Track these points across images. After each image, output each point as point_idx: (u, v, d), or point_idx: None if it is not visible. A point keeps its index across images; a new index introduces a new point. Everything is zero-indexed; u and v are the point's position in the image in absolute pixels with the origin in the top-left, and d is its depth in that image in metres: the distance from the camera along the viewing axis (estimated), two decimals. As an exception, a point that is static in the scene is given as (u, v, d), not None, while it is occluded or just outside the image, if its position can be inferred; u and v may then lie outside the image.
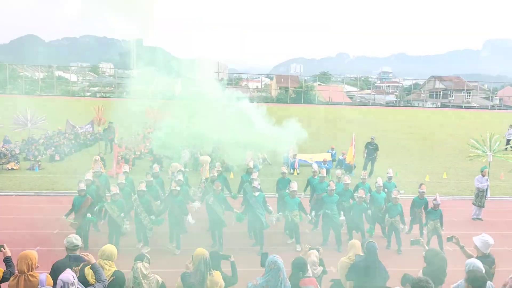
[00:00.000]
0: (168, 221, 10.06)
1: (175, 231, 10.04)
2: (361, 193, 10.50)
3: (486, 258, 5.96)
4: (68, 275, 4.40)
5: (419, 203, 11.08)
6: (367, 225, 10.70)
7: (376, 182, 11.69)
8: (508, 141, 28.44)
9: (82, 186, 9.90)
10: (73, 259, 5.02)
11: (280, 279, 4.81)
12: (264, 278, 4.84)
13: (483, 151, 14.74)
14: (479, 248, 6.08)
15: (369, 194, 11.61)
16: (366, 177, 12.60)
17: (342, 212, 10.74)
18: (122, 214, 9.76)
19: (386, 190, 11.98)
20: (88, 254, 5.06)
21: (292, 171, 19.21)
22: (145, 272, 5.20)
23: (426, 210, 10.86)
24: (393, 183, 12.62)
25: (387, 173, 12.75)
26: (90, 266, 5.00)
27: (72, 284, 4.38)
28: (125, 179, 11.08)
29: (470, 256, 5.99)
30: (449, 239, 6.42)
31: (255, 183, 10.33)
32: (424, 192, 11.10)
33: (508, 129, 28.74)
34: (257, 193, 10.22)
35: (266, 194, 10.80)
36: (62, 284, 4.33)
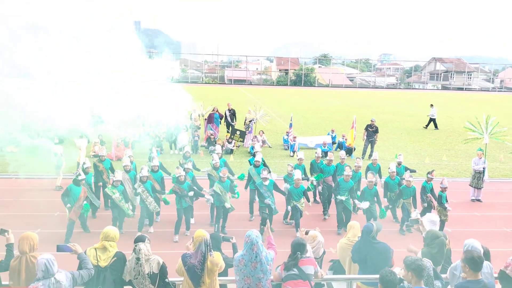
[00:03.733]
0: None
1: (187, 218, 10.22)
2: (370, 177, 10.36)
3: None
4: (48, 254, 4.51)
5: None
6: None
7: (389, 168, 11.51)
8: (431, 120, 28.79)
9: (83, 175, 9.94)
10: (60, 249, 5.10)
11: (254, 252, 4.96)
12: (242, 252, 5.09)
13: (480, 133, 14.72)
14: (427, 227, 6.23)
15: (380, 179, 11.84)
16: (377, 159, 12.60)
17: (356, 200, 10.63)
18: (127, 204, 9.90)
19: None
20: (75, 244, 5.11)
21: (292, 154, 19.22)
22: (146, 253, 5.24)
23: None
24: (403, 166, 12.59)
25: (397, 159, 12.65)
26: (77, 256, 5.06)
27: (54, 260, 4.49)
28: (130, 162, 11.15)
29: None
30: (414, 221, 6.44)
31: (265, 173, 10.30)
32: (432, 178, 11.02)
33: (431, 108, 29.02)
34: (267, 182, 10.28)
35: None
36: (45, 262, 4.46)
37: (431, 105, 29.70)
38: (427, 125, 28.81)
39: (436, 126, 28.64)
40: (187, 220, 10.13)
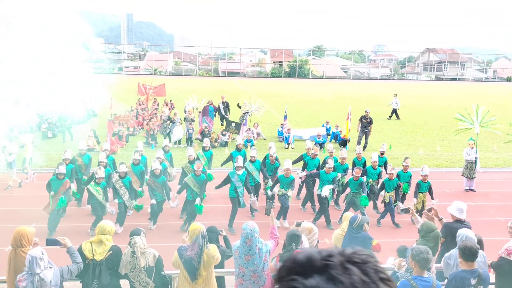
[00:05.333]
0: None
1: (157, 211, 10.03)
2: (356, 172, 10.46)
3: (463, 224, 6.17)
4: (37, 250, 4.49)
5: (403, 176, 11.25)
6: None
7: (371, 158, 11.68)
8: (394, 110, 28.67)
9: (62, 169, 9.71)
10: (49, 243, 5.09)
11: (248, 246, 4.99)
12: (238, 242, 5.13)
13: (470, 124, 14.81)
14: (457, 216, 6.28)
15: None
16: (361, 152, 12.57)
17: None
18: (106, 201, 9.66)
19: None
20: (65, 238, 5.11)
21: (286, 146, 19.24)
22: (142, 247, 5.24)
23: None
24: (385, 158, 12.73)
25: (380, 148, 12.85)
26: (66, 250, 5.05)
27: (41, 259, 4.47)
28: (106, 157, 10.91)
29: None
30: (405, 210, 6.49)
31: (239, 161, 10.18)
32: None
33: (394, 98, 28.89)
34: (240, 172, 10.11)
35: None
36: (30, 259, 4.42)
37: (395, 94, 29.49)
38: (390, 116, 28.74)
39: (397, 117, 28.36)
40: (157, 212, 10.01)
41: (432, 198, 10.66)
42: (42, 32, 9.68)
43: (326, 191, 10.29)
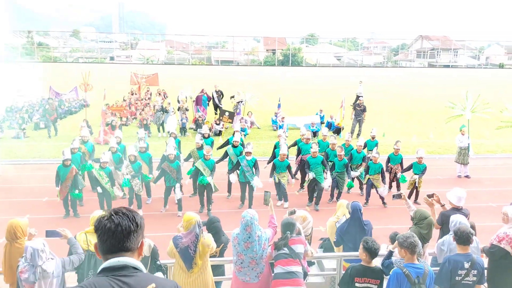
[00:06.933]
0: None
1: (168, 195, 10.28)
2: (339, 150, 10.98)
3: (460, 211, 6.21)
4: (37, 242, 4.46)
5: (394, 159, 11.63)
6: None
7: (357, 142, 11.87)
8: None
9: (68, 154, 9.76)
10: (49, 234, 5.06)
11: (248, 233, 5.01)
12: (238, 230, 5.14)
13: (462, 110, 14.84)
14: (454, 203, 6.32)
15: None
16: (350, 139, 12.69)
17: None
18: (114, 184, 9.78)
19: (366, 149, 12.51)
20: (65, 229, 5.07)
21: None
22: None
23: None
24: (376, 141, 12.86)
25: (371, 132, 12.98)
26: (67, 241, 5.02)
27: (43, 251, 4.44)
28: (117, 143, 11.10)
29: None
30: (397, 196, 6.53)
31: (249, 148, 10.39)
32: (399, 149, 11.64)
33: (359, 86, 28.40)
34: (250, 157, 10.34)
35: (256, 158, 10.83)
36: (32, 251, 4.39)
37: (360, 81, 29.06)
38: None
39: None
40: (178, 200, 10.13)
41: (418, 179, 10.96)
42: None
43: (326, 184, 10.73)
